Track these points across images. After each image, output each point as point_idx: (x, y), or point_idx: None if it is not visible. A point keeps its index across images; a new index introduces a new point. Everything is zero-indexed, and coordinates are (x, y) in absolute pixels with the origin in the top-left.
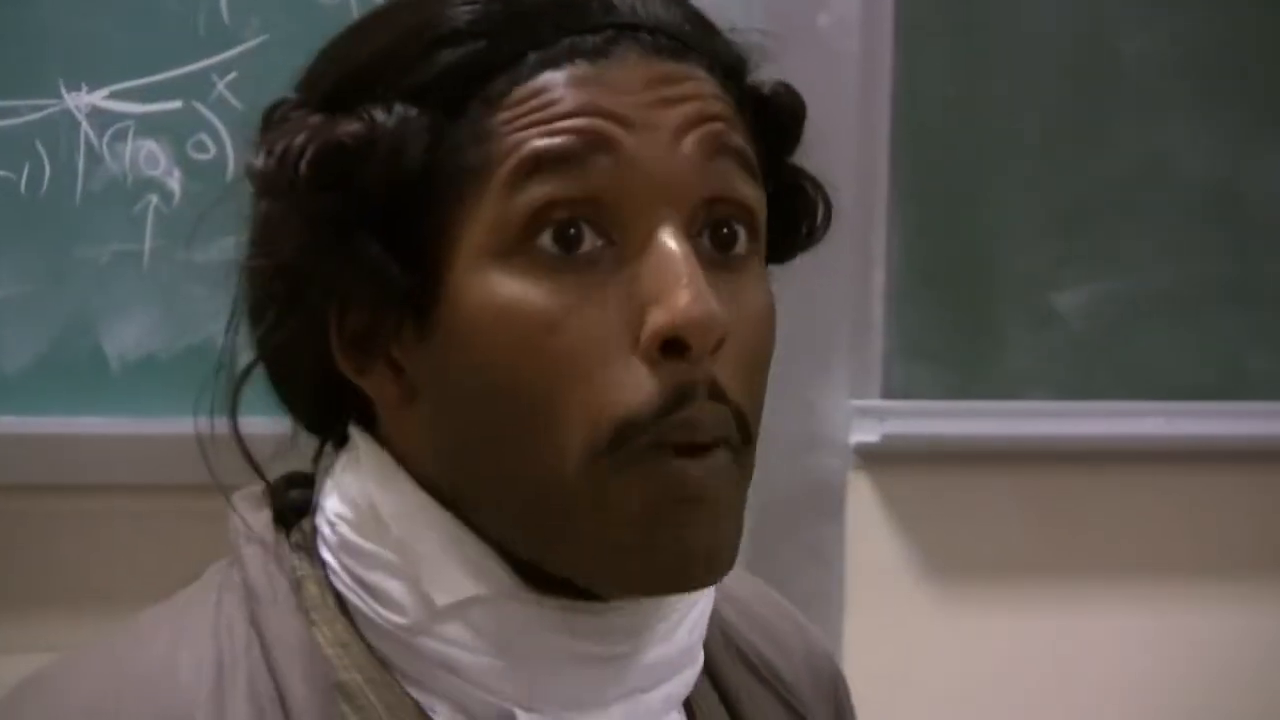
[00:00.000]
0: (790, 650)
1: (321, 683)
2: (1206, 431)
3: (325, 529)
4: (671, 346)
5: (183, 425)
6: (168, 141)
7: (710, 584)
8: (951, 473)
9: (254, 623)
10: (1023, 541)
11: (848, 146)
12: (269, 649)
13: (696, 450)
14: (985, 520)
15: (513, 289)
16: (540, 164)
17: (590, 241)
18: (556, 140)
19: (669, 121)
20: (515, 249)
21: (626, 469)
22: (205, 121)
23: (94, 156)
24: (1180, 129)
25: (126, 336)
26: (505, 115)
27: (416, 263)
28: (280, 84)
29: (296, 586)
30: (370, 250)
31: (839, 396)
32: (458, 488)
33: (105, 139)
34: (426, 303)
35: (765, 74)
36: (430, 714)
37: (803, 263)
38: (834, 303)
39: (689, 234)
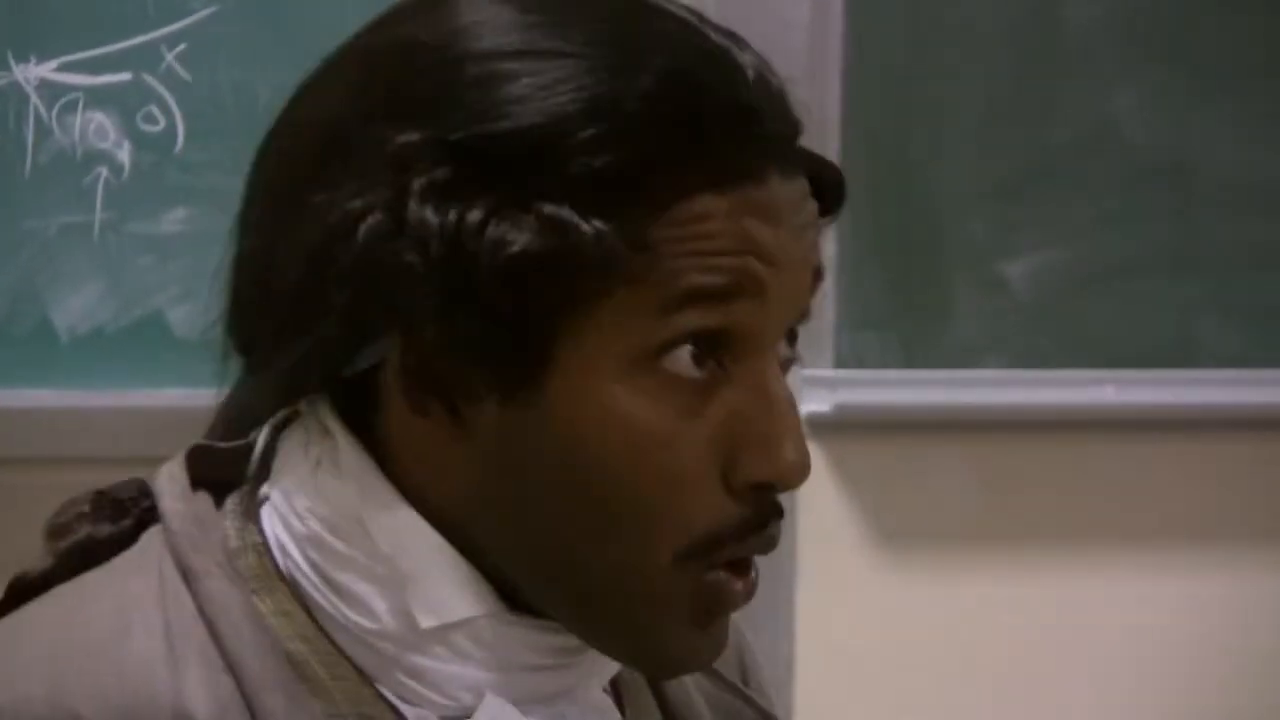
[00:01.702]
0: None
1: (272, 651)
2: (1156, 400)
3: (290, 517)
4: (763, 487)
5: (131, 398)
6: (117, 113)
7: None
8: (902, 442)
9: (194, 595)
10: (973, 510)
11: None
12: (213, 620)
13: (745, 569)
14: (936, 489)
15: (632, 402)
16: (694, 298)
17: (710, 367)
18: (715, 279)
19: (799, 256)
20: (642, 363)
21: (693, 577)
22: (155, 93)
23: (43, 129)
24: (1128, 96)
25: (75, 309)
26: (665, 233)
27: (525, 344)
28: (229, 56)
29: (233, 554)
30: (490, 331)
31: None
32: (474, 533)
33: (54, 111)
34: (524, 378)
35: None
36: (375, 686)
37: None
38: None
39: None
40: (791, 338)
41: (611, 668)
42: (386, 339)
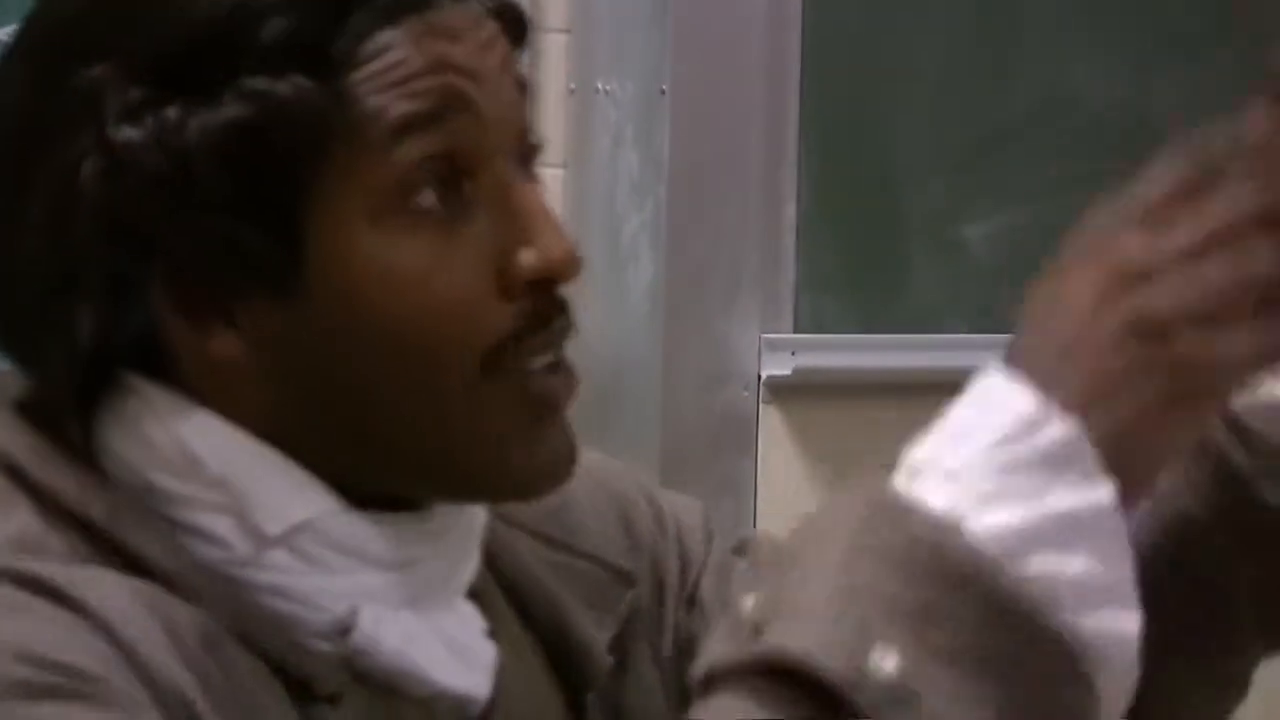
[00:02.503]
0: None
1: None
2: None
3: (128, 475)
4: (539, 285)
5: None
6: None
7: (569, 479)
8: (862, 405)
9: (78, 512)
10: None
11: (757, 82)
12: (114, 528)
13: (557, 367)
14: (895, 453)
15: (388, 248)
16: (407, 128)
17: (451, 193)
18: (418, 104)
19: (493, 66)
20: (385, 209)
21: (499, 389)
22: None
23: None
24: (1084, 60)
25: None
26: (358, 77)
27: (272, 229)
28: None
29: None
30: (236, 227)
31: (749, 329)
32: (296, 432)
33: None
34: (282, 262)
35: None
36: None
37: (713, 196)
38: (744, 236)
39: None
40: (526, 162)
41: (469, 566)
42: (146, 276)
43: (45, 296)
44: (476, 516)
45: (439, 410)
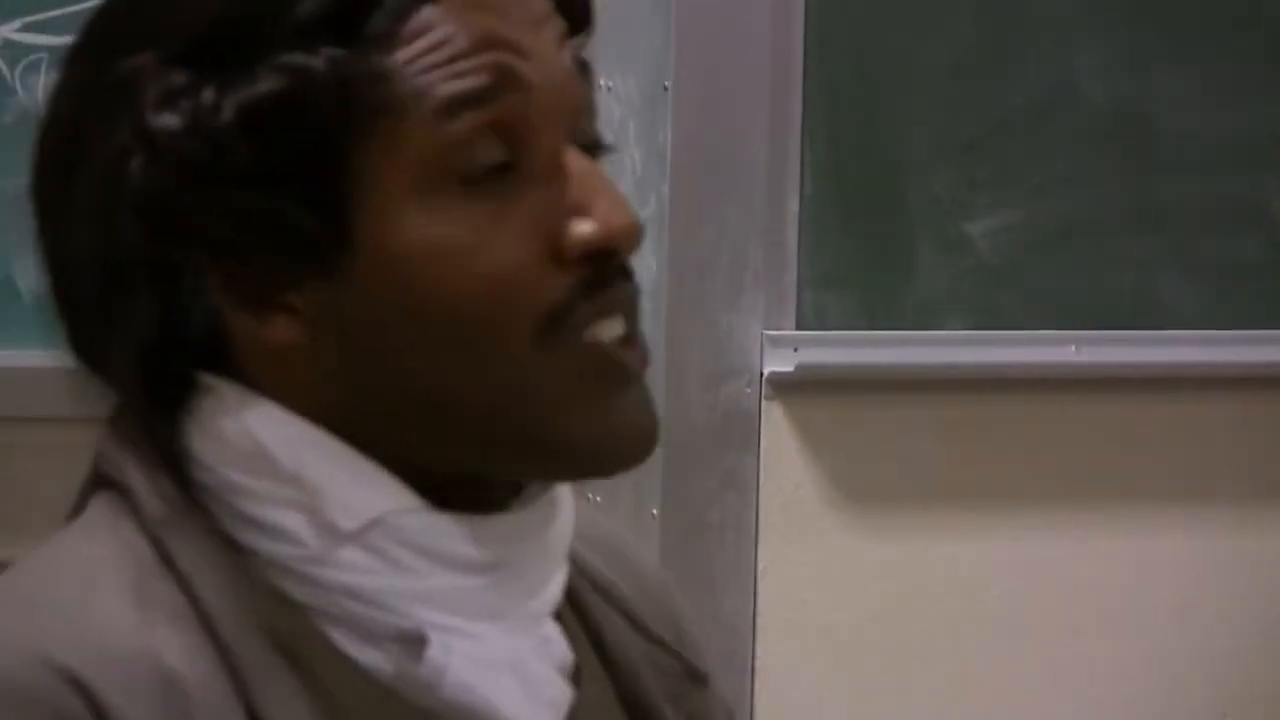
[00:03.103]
0: (620, 563)
1: (246, 605)
2: (1118, 359)
3: (203, 473)
4: (598, 255)
5: None
6: None
7: (650, 454)
8: (865, 401)
9: (160, 549)
10: (935, 469)
11: (760, 78)
12: (187, 575)
13: (627, 341)
14: (898, 448)
15: (435, 223)
16: (456, 106)
17: (501, 167)
18: (466, 83)
19: (546, 42)
20: (431, 184)
21: (562, 356)
22: None
23: (6, 89)
24: (1090, 55)
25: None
26: (402, 55)
27: (315, 206)
28: None
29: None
30: (282, 208)
31: (752, 325)
32: (363, 418)
33: (18, 71)
34: (332, 246)
35: None
36: (329, 638)
37: (716, 192)
38: (747, 232)
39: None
40: (590, 151)
41: (555, 579)
42: (198, 265)
43: (102, 296)
44: (563, 524)
45: (497, 381)
